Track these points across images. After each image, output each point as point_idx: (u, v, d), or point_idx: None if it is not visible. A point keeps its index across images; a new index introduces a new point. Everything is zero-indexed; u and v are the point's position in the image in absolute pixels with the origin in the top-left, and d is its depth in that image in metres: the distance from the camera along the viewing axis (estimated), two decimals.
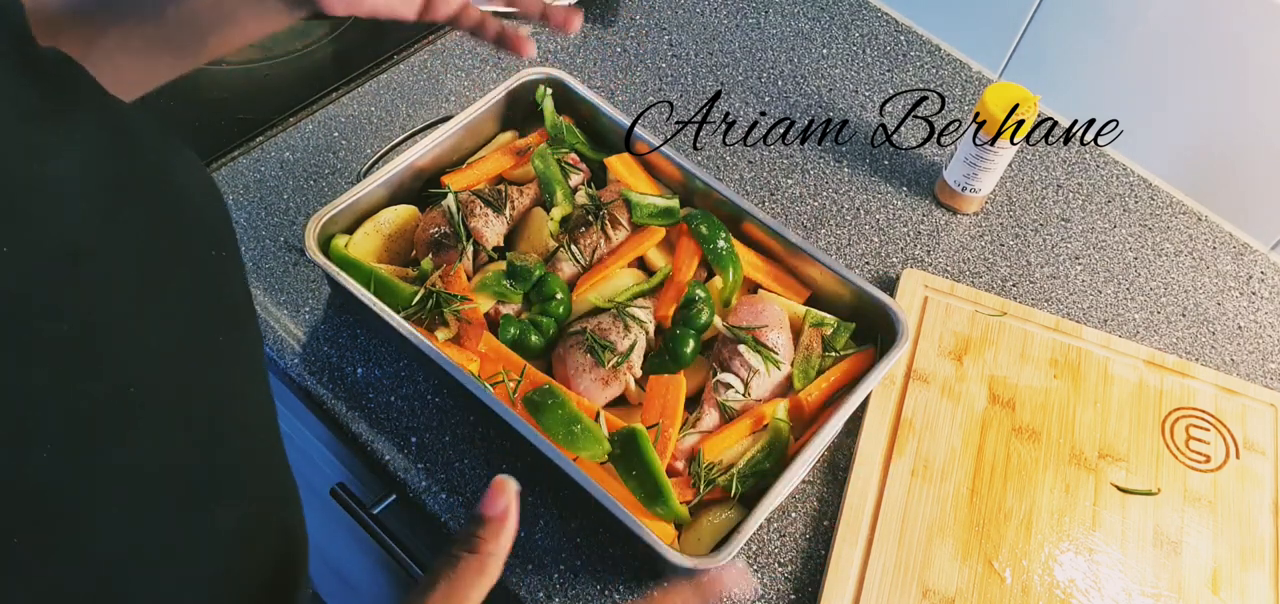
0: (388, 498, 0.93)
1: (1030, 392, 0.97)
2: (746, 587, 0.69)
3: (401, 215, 0.96)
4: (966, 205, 1.13)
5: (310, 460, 1.17)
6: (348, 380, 0.91)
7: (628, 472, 0.81)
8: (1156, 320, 1.08)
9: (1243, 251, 1.16)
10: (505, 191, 0.98)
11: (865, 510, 0.87)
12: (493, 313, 0.91)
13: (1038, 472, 0.91)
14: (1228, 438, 0.96)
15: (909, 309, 1.01)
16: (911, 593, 0.83)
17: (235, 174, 1.04)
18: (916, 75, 1.27)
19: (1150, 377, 1.00)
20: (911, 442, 0.92)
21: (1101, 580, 0.85)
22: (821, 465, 0.91)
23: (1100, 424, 0.95)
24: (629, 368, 0.88)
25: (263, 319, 0.93)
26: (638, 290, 0.94)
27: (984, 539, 0.87)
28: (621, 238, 0.97)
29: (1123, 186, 1.20)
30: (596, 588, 0.82)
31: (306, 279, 0.97)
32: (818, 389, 0.89)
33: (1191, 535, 0.89)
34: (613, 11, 1.28)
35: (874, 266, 1.07)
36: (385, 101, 1.13)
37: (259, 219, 1.01)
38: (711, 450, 0.84)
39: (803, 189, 1.13)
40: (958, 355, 0.98)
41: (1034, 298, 1.07)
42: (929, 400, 0.95)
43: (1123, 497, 0.91)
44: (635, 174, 1.01)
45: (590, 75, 1.20)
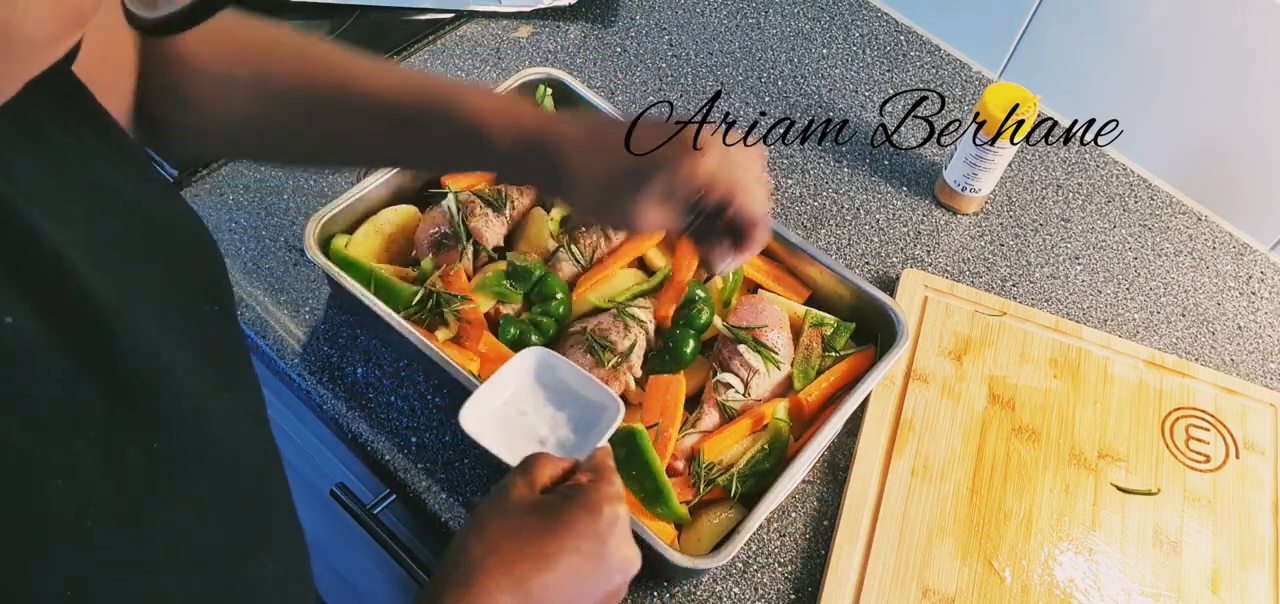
0: (388, 498, 0.93)
1: (1030, 392, 0.97)
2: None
3: (401, 215, 0.96)
4: (966, 205, 1.13)
5: (310, 460, 1.17)
6: (348, 380, 0.91)
7: (628, 472, 0.81)
8: (1156, 320, 1.08)
9: (1243, 251, 1.16)
10: (505, 191, 0.98)
11: (865, 510, 0.87)
12: (493, 313, 0.91)
13: (1038, 471, 0.91)
14: (1228, 438, 0.96)
15: (909, 309, 1.01)
16: (911, 593, 0.83)
17: (235, 174, 1.04)
18: (916, 75, 1.27)
19: (1150, 377, 1.00)
20: (911, 442, 0.92)
21: (1101, 580, 0.85)
22: (821, 465, 0.91)
23: (1100, 424, 0.95)
24: (629, 368, 0.88)
25: (263, 319, 0.93)
26: (638, 290, 0.94)
27: (984, 539, 0.87)
28: (621, 238, 0.97)
29: (1123, 186, 1.20)
30: None
31: (306, 279, 0.97)
32: (818, 389, 0.89)
33: (1191, 535, 0.89)
34: (613, 11, 1.28)
35: (874, 267, 1.07)
36: None
37: (259, 219, 1.01)
38: (711, 450, 0.84)
39: (803, 189, 1.13)
40: (958, 355, 0.98)
41: (1034, 298, 1.07)
42: (929, 400, 0.95)
43: (1122, 497, 0.91)
44: None
45: (590, 75, 1.20)
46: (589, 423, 0.77)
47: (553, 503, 0.60)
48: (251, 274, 0.96)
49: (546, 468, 0.64)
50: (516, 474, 0.63)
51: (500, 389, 0.78)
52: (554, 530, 0.58)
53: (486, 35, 1.22)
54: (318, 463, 1.15)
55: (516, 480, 0.62)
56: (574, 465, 0.66)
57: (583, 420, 0.77)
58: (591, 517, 0.59)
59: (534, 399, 0.78)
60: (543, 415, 0.78)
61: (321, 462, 1.14)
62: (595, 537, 0.59)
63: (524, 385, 0.79)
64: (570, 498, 0.60)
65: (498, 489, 0.63)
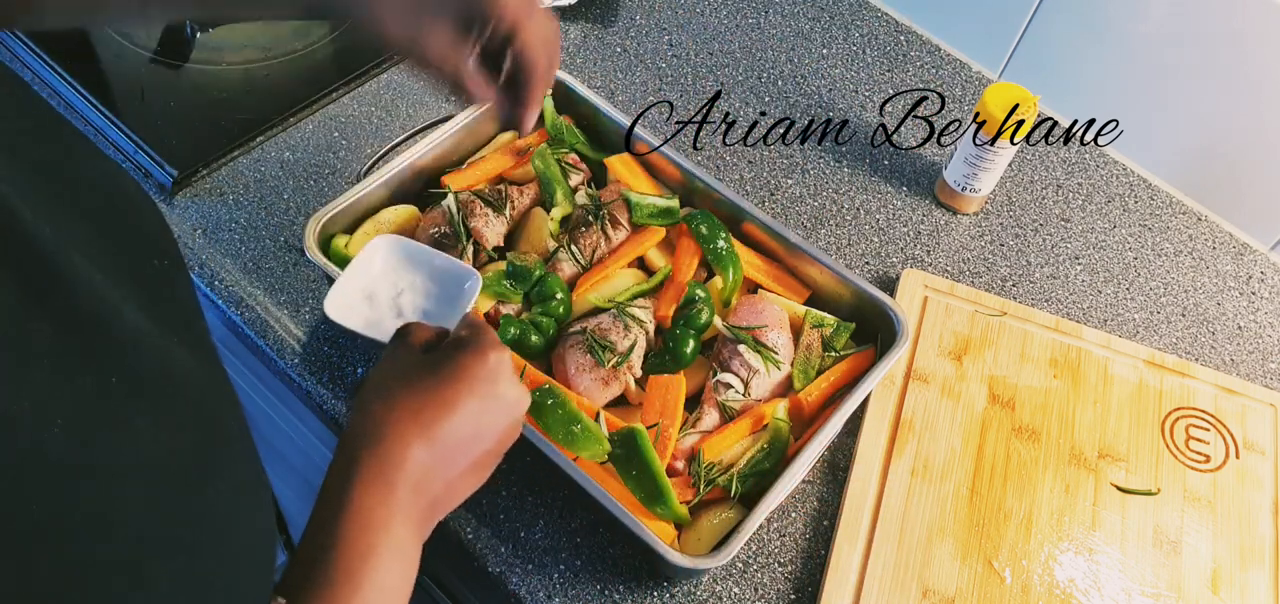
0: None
1: (1030, 392, 0.97)
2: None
3: (401, 215, 0.96)
4: (966, 205, 1.13)
5: (310, 460, 1.17)
6: (347, 380, 0.91)
7: (628, 472, 0.81)
8: (1156, 320, 1.08)
9: (1243, 251, 1.16)
10: (505, 191, 0.98)
11: (865, 510, 0.87)
12: (493, 313, 0.91)
13: (1038, 472, 0.91)
14: (1228, 438, 0.96)
15: (909, 309, 1.01)
16: (911, 593, 0.83)
17: (235, 174, 1.04)
18: (916, 75, 1.27)
19: (1150, 376, 1.00)
20: (911, 442, 0.92)
21: (1101, 580, 0.85)
22: (821, 465, 0.91)
23: (1100, 424, 0.95)
24: (629, 368, 0.88)
25: (263, 319, 0.93)
26: (638, 290, 0.94)
27: (984, 539, 0.87)
28: (621, 238, 0.97)
29: (1123, 186, 1.20)
30: (596, 588, 0.82)
31: (306, 279, 0.97)
32: (818, 389, 0.89)
33: (1191, 535, 0.89)
34: (613, 11, 1.28)
35: (874, 267, 1.07)
36: (385, 101, 1.13)
37: (259, 219, 1.01)
38: (711, 450, 0.84)
39: (803, 189, 1.13)
40: (958, 355, 0.98)
41: (1034, 298, 1.07)
42: (929, 400, 0.95)
43: (1122, 497, 0.91)
44: (635, 174, 1.01)
45: (590, 75, 1.20)
46: (451, 295, 0.82)
47: (442, 356, 0.63)
48: (251, 274, 0.96)
49: (422, 333, 0.67)
50: (396, 342, 0.66)
51: (358, 277, 0.83)
52: (449, 377, 0.61)
53: None
54: (318, 463, 1.15)
55: (398, 348, 0.66)
56: (446, 332, 0.68)
57: (444, 294, 0.83)
58: (480, 360, 0.62)
59: (394, 280, 0.84)
60: (405, 297, 0.83)
61: (321, 461, 1.14)
62: (487, 379, 0.62)
63: (383, 270, 0.84)
64: (458, 346, 0.64)
65: (386, 355, 0.65)
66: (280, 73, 1.14)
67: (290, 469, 1.27)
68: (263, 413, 1.19)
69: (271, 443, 1.25)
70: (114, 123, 1.04)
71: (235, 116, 1.08)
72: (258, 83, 1.12)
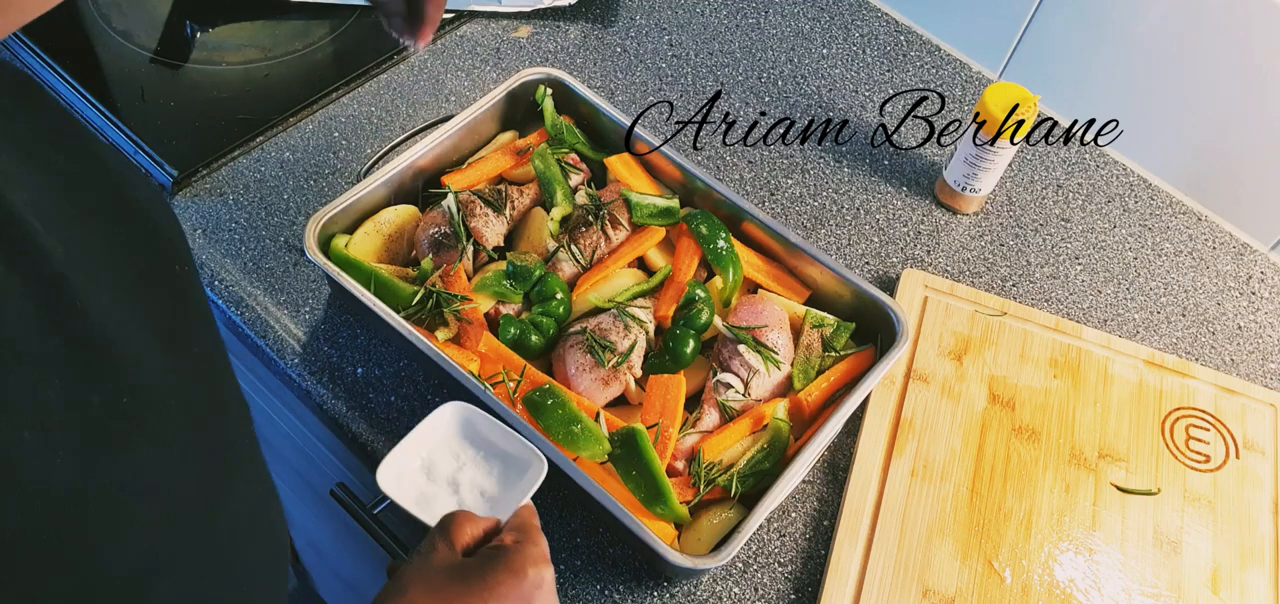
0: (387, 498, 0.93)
1: (1030, 392, 0.97)
2: None
3: (401, 215, 0.96)
4: (966, 205, 1.13)
5: (310, 460, 1.17)
6: (348, 380, 0.91)
7: (628, 472, 0.81)
8: (1156, 320, 1.08)
9: (1243, 251, 1.16)
10: (505, 191, 0.98)
11: (865, 510, 0.87)
12: (493, 313, 0.91)
13: (1038, 472, 0.91)
14: (1228, 438, 0.96)
15: (909, 309, 1.01)
16: (911, 593, 0.83)
17: (235, 174, 1.04)
18: (916, 75, 1.27)
19: (1150, 376, 1.00)
20: (911, 442, 0.92)
21: (1101, 580, 0.85)
22: (821, 465, 0.91)
23: (1100, 424, 0.95)
24: (629, 368, 0.88)
25: (263, 319, 0.93)
26: (638, 290, 0.94)
27: (984, 539, 0.87)
28: (621, 238, 0.97)
29: (1123, 186, 1.20)
30: (596, 588, 0.82)
31: (306, 279, 0.97)
32: (818, 389, 0.89)
33: (1191, 535, 0.89)
34: (613, 11, 1.28)
35: (874, 267, 1.07)
36: (385, 101, 1.13)
37: (259, 219, 1.01)
38: (711, 450, 0.84)
39: (803, 189, 1.13)
40: (958, 355, 0.98)
41: (1034, 298, 1.07)
42: (929, 400, 0.95)
43: (1123, 497, 0.91)
44: (635, 174, 1.01)
45: (590, 75, 1.20)
46: (512, 478, 0.74)
47: (475, 565, 0.59)
48: (251, 274, 0.96)
49: (468, 527, 0.62)
50: (437, 534, 0.61)
51: (420, 445, 0.75)
52: (477, 595, 0.56)
53: (486, 35, 1.22)
54: (318, 463, 1.15)
55: (437, 542, 0.61)
56: (496, 525, 0.64)
57: (506, 476, 0.75)
58: (516, 580, 0.58)
59: (455, 455, 0.76)
60: (465, 472, 0.75)
61: (321, 462, 1.14)
62: (520, 600, 0.57)
63: (445, 441, 0.76)
64: (493, 560, 0.59)
65: (418, 551, 0.61)
66: (280, 73, 1.14)
67: (290, 469, 1.27)
68: (263, 413, 1.19)
69: (271, 443, 1.25)
70: (114, 123, 1.04)
71: (235, 116, 1.08)
72: (258, 83, 1.12)
